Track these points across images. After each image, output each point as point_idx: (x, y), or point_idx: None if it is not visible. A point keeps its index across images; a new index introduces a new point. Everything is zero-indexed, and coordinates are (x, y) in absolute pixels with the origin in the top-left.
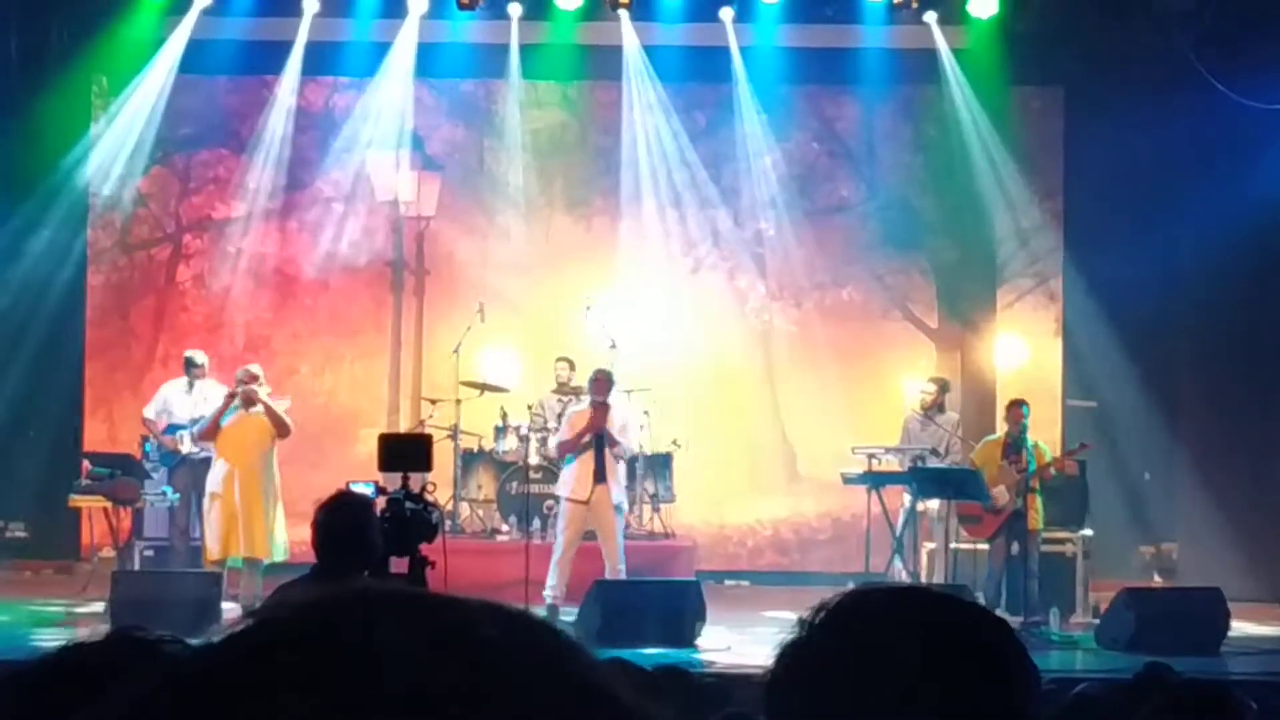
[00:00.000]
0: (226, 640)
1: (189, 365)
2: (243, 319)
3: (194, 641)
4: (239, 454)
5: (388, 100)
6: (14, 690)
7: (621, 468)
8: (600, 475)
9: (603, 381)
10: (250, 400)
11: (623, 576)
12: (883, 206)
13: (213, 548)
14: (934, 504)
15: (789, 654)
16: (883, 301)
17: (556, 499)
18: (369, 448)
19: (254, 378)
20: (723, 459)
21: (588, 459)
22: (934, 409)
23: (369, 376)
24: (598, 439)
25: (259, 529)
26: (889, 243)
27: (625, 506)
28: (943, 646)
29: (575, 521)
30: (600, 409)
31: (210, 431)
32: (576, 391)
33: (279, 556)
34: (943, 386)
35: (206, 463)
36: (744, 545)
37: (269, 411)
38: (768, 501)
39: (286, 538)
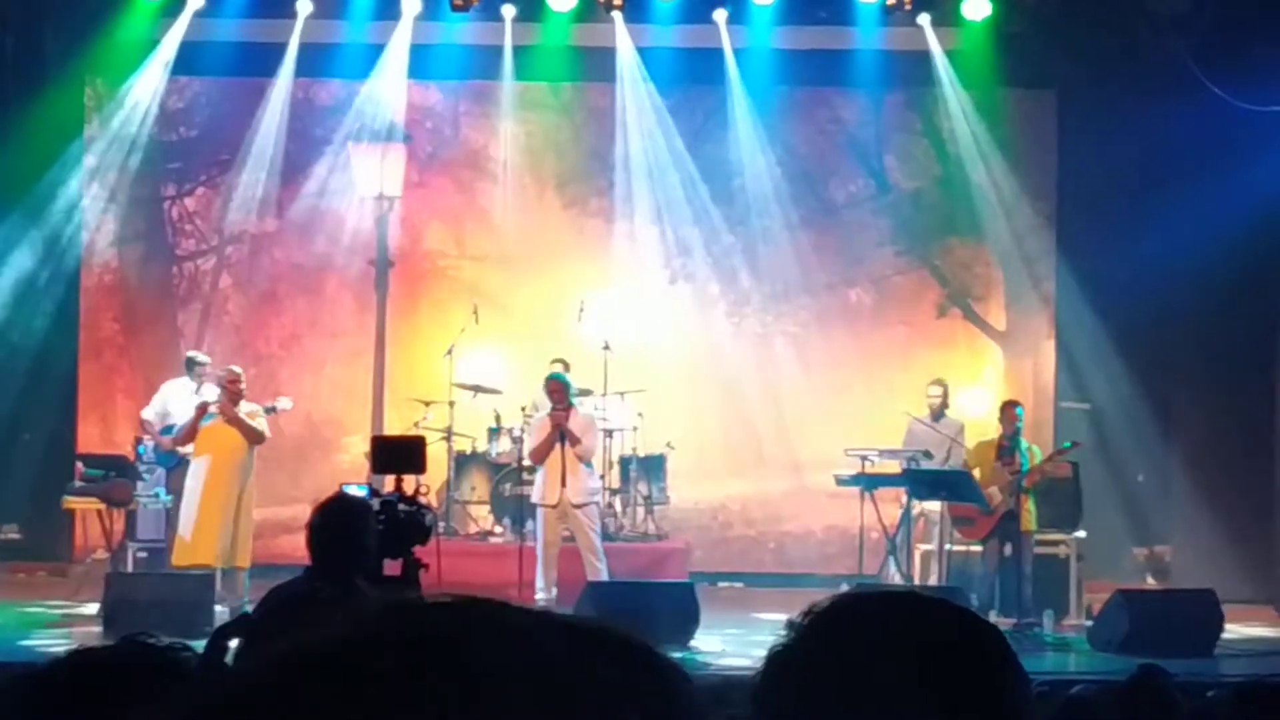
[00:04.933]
0: (292, 653)
1: (190, 365)
2: (232, 321)
3: (194, 644)
4: (217, 459)
5: (381, 101)
6: (26, 692)
7: (585, 468)
8: (564, 478)
9: (554, 388)
10: (226, 410)
11: (603, 570)
12: (876, 209)
13: (181, 551)
14: (934, 506)
15: (778, 657)
16: (879, 304)
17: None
18: (350, 456)
19: (235, 379)
20: (720, 461)
21: (554, 463)
22: (938, 412)
23: (353, 380)
24: (562, 443)
25: (235, 534)
26: (883, 245)
27: (598, 503)
28: (933, 651)
29: (550, 525)
30: (558, 413)
31: (185, 438)
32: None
33: (245, 563)
34: (945, 389)
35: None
36: (741, 548)
37: (240, 424)
38: (767, 505)
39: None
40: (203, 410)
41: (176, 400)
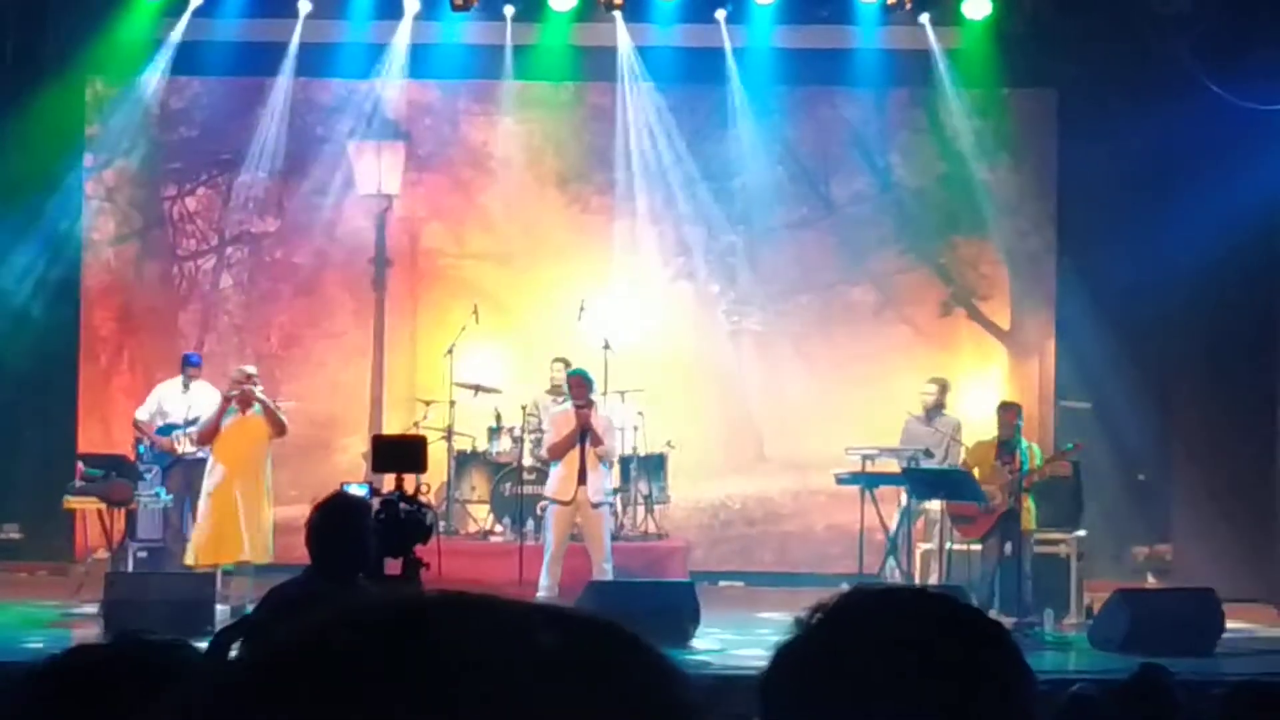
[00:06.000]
0: (291, 646)
1: (185, 365)
2: (232, 321)
3: (196, 643)
4: (235, 456)
5: (380, 100)
6: (24, 690)
7: (603, 467)
8: (582, 476)
9: (578, 384)
10: (248, 401)
11: (609, 575)
12: (879, 207)
13: (203, 550)
14: (934, 505)
15: (785, 654)
16: (882, 303)
17: (546, 501)
18: (350, 456)
19: (250, 378)
20: (721, 460)
21: (572, 459)
22: (934, 410)
23: (352, 380)
24: (582, 440)
25: (254, 531)
26: (886, 244)
27: (611, 504)
28: (939, 648)
29: (561, 522)
30: (584, 409)
31: (210, 434)
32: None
33: (266, 559)
34: (943, 387)
35: (201, 463)
36: (742, 547)
37: (267, 410)
38: (767, 504)
39: (272, 540)
40: (226, 405)
41: (169, 401)
